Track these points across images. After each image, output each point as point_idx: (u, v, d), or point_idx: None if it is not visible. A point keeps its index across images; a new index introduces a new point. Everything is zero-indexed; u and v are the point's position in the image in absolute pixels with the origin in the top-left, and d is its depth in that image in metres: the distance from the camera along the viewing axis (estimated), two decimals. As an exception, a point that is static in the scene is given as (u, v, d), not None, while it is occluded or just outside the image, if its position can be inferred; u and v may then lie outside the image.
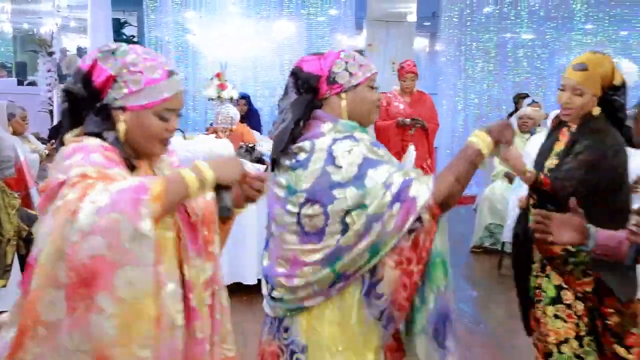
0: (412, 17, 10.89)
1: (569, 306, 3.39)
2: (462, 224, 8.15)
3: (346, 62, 2.48)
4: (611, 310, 3.33)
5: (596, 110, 3.34)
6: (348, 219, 2.33)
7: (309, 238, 2.40)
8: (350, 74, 2.46)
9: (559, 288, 3.41)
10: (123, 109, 1.94)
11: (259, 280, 5.94)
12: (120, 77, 1.93)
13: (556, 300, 3.44)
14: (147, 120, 1.96)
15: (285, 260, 2.48)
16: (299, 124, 2.42)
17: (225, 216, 2.02)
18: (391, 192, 2.30)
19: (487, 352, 4.92)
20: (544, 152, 3.47)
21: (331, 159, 2.33)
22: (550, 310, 3.46)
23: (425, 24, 13.96)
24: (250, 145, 6.82)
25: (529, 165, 3.36)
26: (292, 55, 11.30)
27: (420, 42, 15.02)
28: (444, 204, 2.34)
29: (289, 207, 2.43)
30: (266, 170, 6.36)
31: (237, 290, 5.95)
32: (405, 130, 7.10)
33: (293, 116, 2.42)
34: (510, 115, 8.82)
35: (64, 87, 2.01)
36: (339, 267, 2.37)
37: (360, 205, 2.31)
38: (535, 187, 3.35)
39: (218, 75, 7.27)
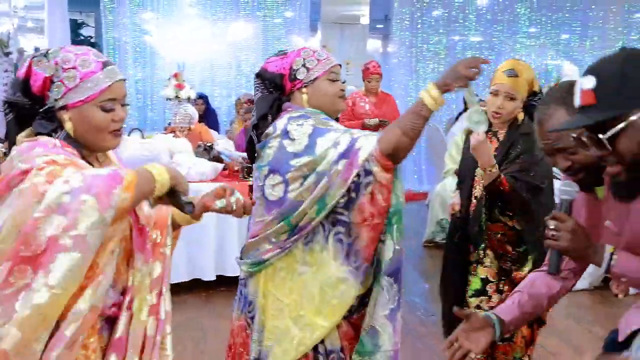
0: (365, 20, 10.97)
1: (490, 298, 3.49)
2: (415, 220, 8.19)
3: (304, 59, 2.58)
4: None
5: (521, 115, 3.43)
6: (305, 183, 2.45)
7: (272, 207, 2.52)
8: (308, 69, 2.56)
9: (485, 281, 3.51)
10: (65, 107, 1.91)
11: (218, 277, 5.91)
12: (56, 77, 1.90)
13: (481, 292, 3.53)
14: (91, 114, 1.92)
15: (256, 234, 2.59)
16: (266, 118, 2.56)
17: (189, 212, 2.00)
18: (337, 151, 2.38)
19: (439, 343, 4.88)
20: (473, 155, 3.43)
21: (286, 134, 2.45)
22: (474, 301, 3.56)
23: (378, 26, 14.03)
24: (208, 144, 6.76)
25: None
26: (249, 56, 11.36)
27: (373, 44, 15.07)
28: (391, 155, 2.36)
29: (258, 182, 2.58)
30: (225, 169, 6.34)
31: (195, 286, 5.88)
32: (371, 131, 6.88)
33: (258, 112, 2.56)
34: (460, 114, 8.89)
35: (4, 99, 1.96)
36: (292, 219, 2.48)
37: (314, 170, 2.42)
38: (490, 186, 3.33)
39: (176, 76, 7.19)
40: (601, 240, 2.01)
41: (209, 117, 9.49)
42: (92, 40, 13.59)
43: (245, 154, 6.29)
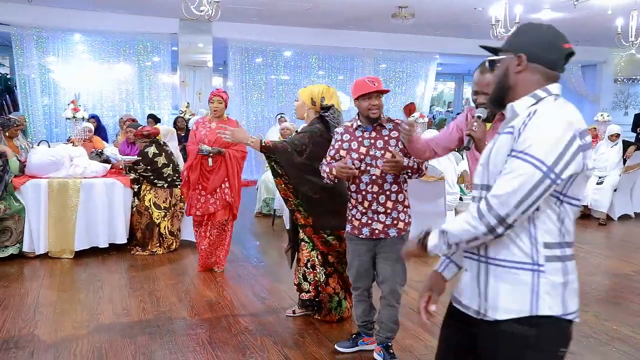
0: (210, 64, 10.81)
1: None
2: (249, 199, 8.14)
3: None
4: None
5: (311, 114, 3.67)
6: None
7: None
8: None
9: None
10: None
11: (110, 244, 5.55)
12: None
13: (315, 247, 3.76)
14: None
15: None
16: None
17: None
18: None
19: (268, 282, 4.95)
20: None
21: None
22: (314, 252, 3.77)
23: (219, 68, 13.96)
24: (99, 150, 6.38)
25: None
26: (128, 87, 10.97)
27: (217, 80, 14.95)
28: None
29: None
30: (112, 168, 5.98)
31: (93, 252, 5.48)
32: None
33: None
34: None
35: None
36: None
37: None
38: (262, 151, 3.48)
39: (73, 102, 6.66)
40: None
41: (100, 131, 9.11)
42: (8, 76, 12.28)
43: (126, 157, 6.05)
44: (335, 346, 3.43)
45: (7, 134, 6.11)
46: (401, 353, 3.38)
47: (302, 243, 3.77)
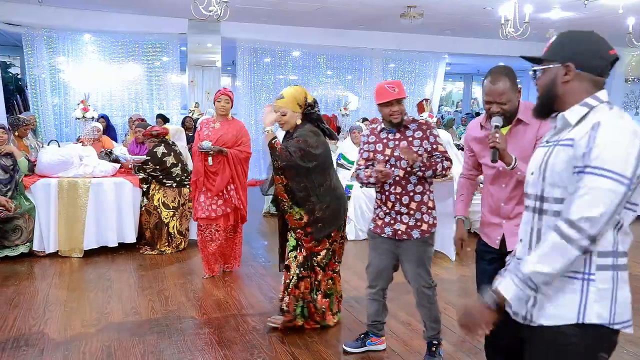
0: (219, 64, 10.81)
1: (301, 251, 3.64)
2: (257, 198, 8.15)
3: None
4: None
5: (299, 121, 3.57)
6: None
7: None
8: None
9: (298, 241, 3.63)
10: None
11: (119, 243, 5.56)
12: None
13: (295, 248, 3.66)
14: None
15: None
16: None
17: None
18: None
19: (276, 281, 4.95)
20: None
21: None
22: (292, 253, 3.67)
23: (228, 68, 13.96)
24: (109, 150, 6.40)
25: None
26: (137, 87, 10.99)
27: (225, 80, 14.97)
28: None
29: None
30: (121, 167, 6.00)
31: (103, 251, 5.49)
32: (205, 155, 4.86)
33: None
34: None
35: None
36: None
37: None
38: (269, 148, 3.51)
39: (82, 102, 6.70)
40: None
41: (109, 131, 9.15)
42: (19, 76, 12.37)
43: (135, 157, 6.07)
44: (343, 346, 3.44)
45: (16, 133, 6.16)
46: (409, 354, 3.36)
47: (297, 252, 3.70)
